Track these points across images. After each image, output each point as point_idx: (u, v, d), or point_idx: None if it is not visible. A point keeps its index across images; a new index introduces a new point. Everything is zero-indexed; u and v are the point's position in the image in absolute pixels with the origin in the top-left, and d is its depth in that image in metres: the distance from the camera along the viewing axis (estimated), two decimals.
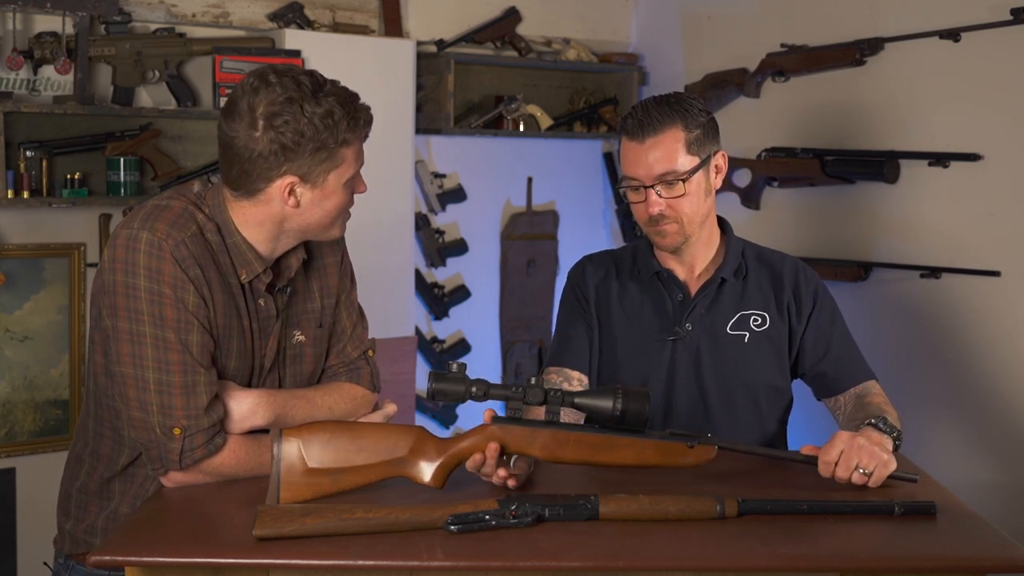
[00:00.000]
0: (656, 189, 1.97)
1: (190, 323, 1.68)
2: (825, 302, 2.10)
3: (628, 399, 1.65)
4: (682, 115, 1.98)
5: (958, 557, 1.50)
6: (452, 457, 1.66)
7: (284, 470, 1.61)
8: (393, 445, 1.65)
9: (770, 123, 3.62)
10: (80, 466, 1.84)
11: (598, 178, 4.38)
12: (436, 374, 1.67)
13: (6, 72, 3.12)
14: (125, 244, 1.68)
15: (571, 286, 2.17)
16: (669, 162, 1.97)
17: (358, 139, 1.73)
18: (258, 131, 1.65)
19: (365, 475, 1.64)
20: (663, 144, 1.97)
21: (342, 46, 3.54)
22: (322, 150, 1.67)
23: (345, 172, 1.72)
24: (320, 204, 1.73)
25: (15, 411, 3.20)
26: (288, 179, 1.69)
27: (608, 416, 1.66)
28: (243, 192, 1.72)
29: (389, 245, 3.65)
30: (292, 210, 1.72)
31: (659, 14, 4.17)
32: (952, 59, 3.05)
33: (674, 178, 1.97)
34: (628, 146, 2.00)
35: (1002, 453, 2.95)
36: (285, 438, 1.62)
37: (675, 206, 1.98)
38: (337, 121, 1.67)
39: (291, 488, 1.61)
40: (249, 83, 1.68)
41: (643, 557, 1.47)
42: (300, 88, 1.66)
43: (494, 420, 1.68)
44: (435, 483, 1.65)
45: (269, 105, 1.65)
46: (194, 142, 3.41)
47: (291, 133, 1.65)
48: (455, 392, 1.66)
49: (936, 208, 3.12)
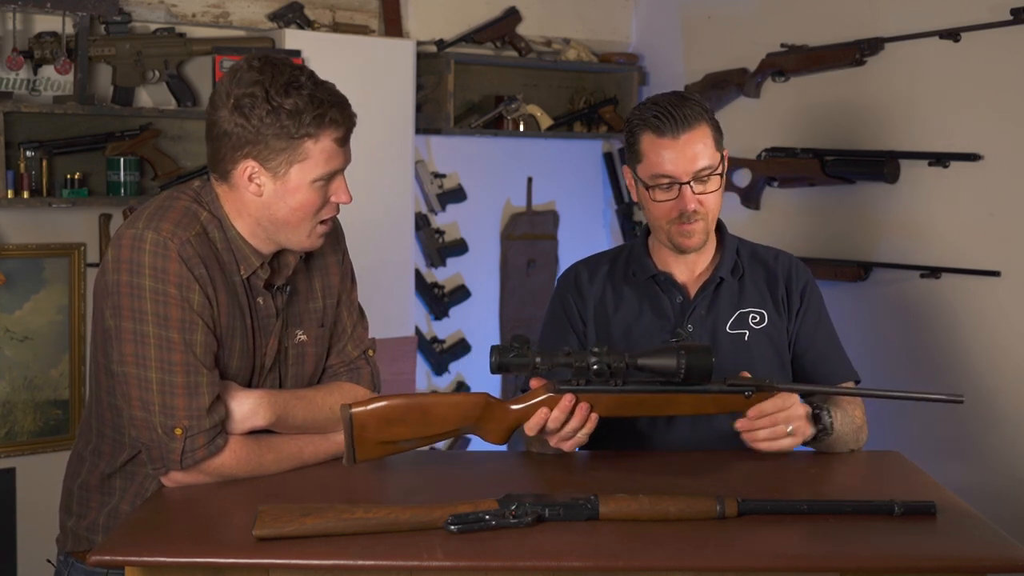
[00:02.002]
0: (691, 185, 1.98)
1: (194, 323, 1.68)
2: (813, 300, 2.10)
3: (691, 356, 1.72)
4: (704, 111, 2.01)
5: (958, 557, 1.50)
6: (515, 420, 1.75)
7: (357, 440, 1.68)
8: (463, 414, 1.73)
9: (770, 123, 3.62)
10: (82, 464, 1.84)
11: (598, 178, 4.38)
12: (500, 348, 1.72)
13: (6, 72, 3.12)
14: (130, 244, 1.68)
15: (561, 295, 2.14)
16: (707, 157, 1.98)
17: (326, 138, 1.71)
18: (226, 111, 1.69)
19: (435, 439, 1.73)
20: (697, 139, 1.98)
21: (342, 46, 3.54)
22: (281, 138, 1.68)
23: (310, 169, 1.71)
24: (283, 198, 1.72)
25: (15, 411, 3.20)
26: (249, 163, 1.70)
27: (672, 375, 1.73)
28: (219, 175, 1.75)
29: (389, 245, 3.65)
30: (257, 200, 1.73)
31: (659, 14, 4.17)
32: (952, 59, 3.05)
33: (710, 172, 1.99)
34: (660, 143, 1.98)
35: (1002, 453, 2.95)
36: (355, 407, 1.67)
37: (704, 202, 2.00)
38: (300, 112, 1.67)
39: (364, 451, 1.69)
40: (234, 67, 1.72)
41: (643, 557, 1.47)
42: (275, 76, 1.68)
43: (558, 386, 1.74)
44: (500, 442, 1.76)
45: (239, 86, 1.68)
46: (194, 142, 3.41)
47: (252, 117, 1.67)
48: (520, 365, 1.72)
49: (936, 208, 3.13)
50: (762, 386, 1.77)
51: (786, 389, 1.80)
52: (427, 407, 1.71)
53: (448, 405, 1.73)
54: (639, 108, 2.04)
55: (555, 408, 1.74)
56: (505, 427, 1.76)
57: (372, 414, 1.68)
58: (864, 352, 2.14)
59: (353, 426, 1.67)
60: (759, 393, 1.77)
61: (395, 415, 1.69)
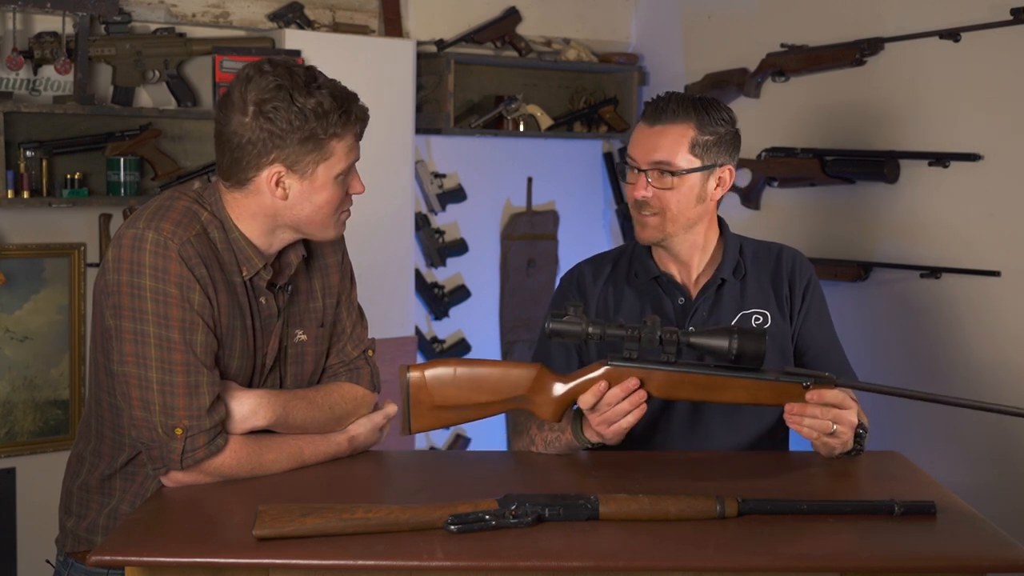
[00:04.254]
0: (648, 175, 1.99)
1: (195, 323, 1.68)
2: (815, 299, 2.10)
3: (744, 339, 1.70)
4: (699, 116, 1.99)
5: (958, 557, 1.50)
6: (570, 393, 1.75)
7: (412, 403, 1.72)
8: (514, 383, 1.74)
9: (770, 123, 3.62)
10: (81, 464, 1.84)
11: (598, 178, 4.38)
12: (554, 314, 1.73)
13: (6, 72, 3.12)
14: (131, 244, 1.68)
15: (563, 294, 2.15)
16: (667, 153, 1.98)
17: (350, 134, 1.72)
18: (248, 117, 1.67)
19: (487, 410, 1.76)
20: (669, 135, 1.98)
21: (342, 46, 3.54)
22: (310, 140, 1.68)
23: (335, 166, 1.72)
24: (309, 198, 1.73)
25: (15, 411, 3.20)
26: (275, 168, 1.69)
27: (724, 356, 1.71)
28: (234, 183, 1.73)
29: (389, 245, 3.65)
30: (281, 203, 1.72)
31: (659, 14, 4.17)
32: (952, 59, 3.05)
33: (667, 170, 1.98)
34: (639, 127, 2.03)
35: (1002, 453, 2.95)
36: (412, 371, 1.72)
37: (661, 197, 1.99)
38: (327, 112, 1.67)
39: (419, 419, 1.73)
40: (244, 72, 1.70)
41: (643, 557, 1.47)
42: (292, 78, 1.67)
43: (610, 360, 1.74)
44: (553, 417, 1.76)
45: (260, 92, 1.66)
46: (194, 142, 3.41)
47: (280, 120, 1.66)
48: (573, 332, 1.73)
49: (936, 208, 3.13)
50: (822, 379, 1.73)
51: (846, 384, 1.77)
52: (480, 374, 1.74)
53: (501, 373, 1.76)
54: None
55: (616, 386, 1.73)
56: (557, 400, 1.75)
57: (427, 377, 1.72)
58: (864, 352, 2.14)
59: (410, 389, 1.71)
60: (816, 385, 1.74)
61: (448, 378, 1.72)
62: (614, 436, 1.80)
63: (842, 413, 1.76)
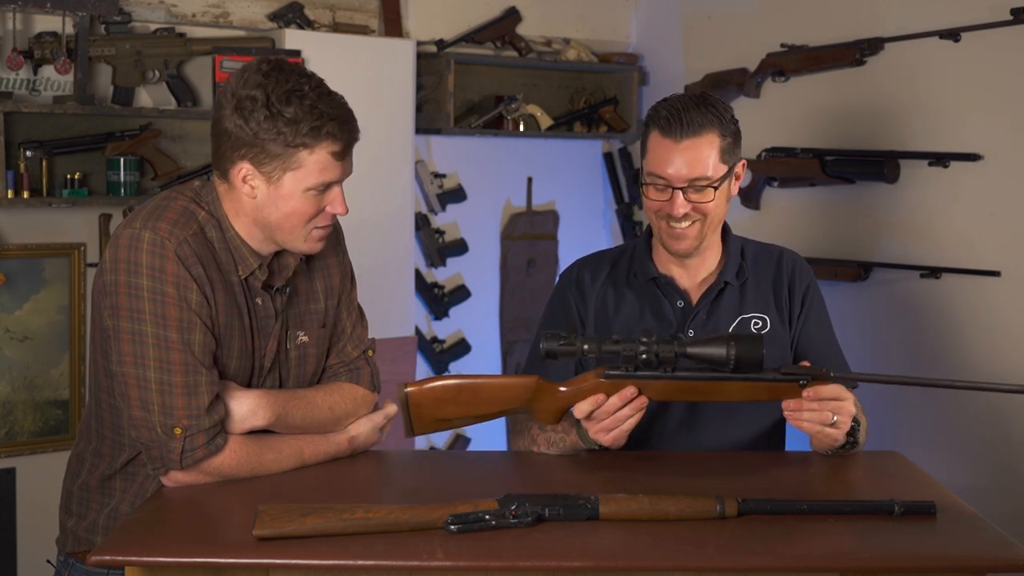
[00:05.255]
0: (685, 192, 1.94)
1: (193, 322, 1.68)
2: (815, 303, 2.09)
3: (741, 346, 1.71)
4: (719, 120, 1.95)
5: (958, 557, 1.50)
6: (569, 402, 1.78)
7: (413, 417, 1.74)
8: (512, 397, 1.77)
9: (770, 123, 3.62)
10: (81, 464, 1.84)
11: (598, 178, 4.38)
12: (549, 335, 1.75)
13: (6, 72, 3.12)
14: (128, 244, 1.68)
15: (562, 292, 2.13)
16: (703, 167, 1.93)
17: (322, 149, 1.70)
18: (228, 110, 1.70)
19: (487, 419, 1.79)
20: (699, 147, 1.93)
21: (342, 46, 3.54)
22: (277, 144, 1.68)
23: (304, 178, 1.71)
24: (276, 204, 1.73)
25: (15, 411, 3.20)
26: (244, 164, 1.71)
27: (722, 364, 1.72)
28: (220, 173, 1.76)
29: (389, 245, 3.65)
30: (252, 201, 1.73)
31: (659, 14, 4.17)
32: (952, 59, 3.05)
33: (706, 184, 1.94)
34: (662, 143, 1.95)
35: (1002, 453, 2.95)
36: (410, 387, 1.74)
37: (700, 208, 1.96)
38: (297, 121, 1.67)
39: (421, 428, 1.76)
40: (244, 66, 1.73)
41: (643, 557, 1.47)
42: (279, 82, 1.68)
43: (606, 374, 1.75)
44: (553, 422, 1.81)
45: (243, 88, 1.69)
46: (194, 142, 3.41)
47: (251, 120, 1.68)
48: (568, 352, 1.74)
49: (936, 208, 3.12)
50: (817, 375, 1.75)
51: (842, 378, 1.78)
52: (478, 388, 1.76)
53: (498, 387, 1.78)
54: (659, 102, 2.01)
55: (614, 395, 1.75)
56: (555, 408, 1.78)
57: (425, 394, 1.74)
58: (864, 352, 2.13)
59: (409, 405, 1.73)
60: (813, 382, 1.75)
61: (447, 395, 1.74)
62: (614, 442, 1.80)
63: (841, 404, 1.78)
